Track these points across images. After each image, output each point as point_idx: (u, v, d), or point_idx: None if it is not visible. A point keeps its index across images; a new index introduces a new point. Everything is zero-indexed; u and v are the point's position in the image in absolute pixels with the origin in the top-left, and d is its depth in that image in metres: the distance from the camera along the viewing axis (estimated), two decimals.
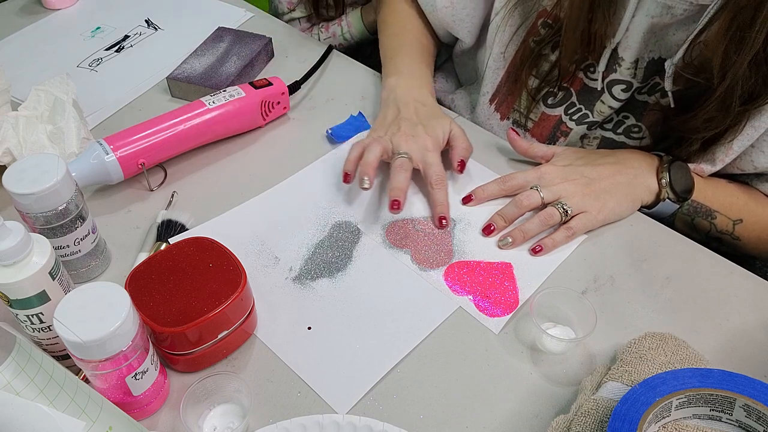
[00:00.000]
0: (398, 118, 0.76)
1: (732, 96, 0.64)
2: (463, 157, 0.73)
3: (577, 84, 0.77)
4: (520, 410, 0.56)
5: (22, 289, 0.51)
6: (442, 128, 0.74)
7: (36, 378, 0.42)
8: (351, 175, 0.71)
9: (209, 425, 0.55)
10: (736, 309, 0.64)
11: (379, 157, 0.71)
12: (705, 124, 0.68)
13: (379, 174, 0.74)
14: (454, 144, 0.74)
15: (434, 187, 0.70)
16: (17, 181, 0.57)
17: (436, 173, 0.71)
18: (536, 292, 0.65)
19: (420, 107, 0.77)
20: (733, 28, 0.60)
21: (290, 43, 0.97)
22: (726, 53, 0.62)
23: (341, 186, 0.74)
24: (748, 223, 0.73)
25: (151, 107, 0.86)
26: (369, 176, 0.69)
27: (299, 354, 0.60)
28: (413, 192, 0.74)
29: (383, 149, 0.72)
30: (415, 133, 0.73)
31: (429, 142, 0.73)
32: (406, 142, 0.72)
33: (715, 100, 0.66)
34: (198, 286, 0.57)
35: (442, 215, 0.70)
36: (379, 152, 0.71)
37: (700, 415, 0.49)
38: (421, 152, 0.72)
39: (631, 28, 0.68)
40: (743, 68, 0.62)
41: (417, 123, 0.75)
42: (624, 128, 0.78)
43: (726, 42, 0.61)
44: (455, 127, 0.75)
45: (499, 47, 0.81)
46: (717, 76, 0.64)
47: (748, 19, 0.59)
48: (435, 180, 0.71)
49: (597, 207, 0.69)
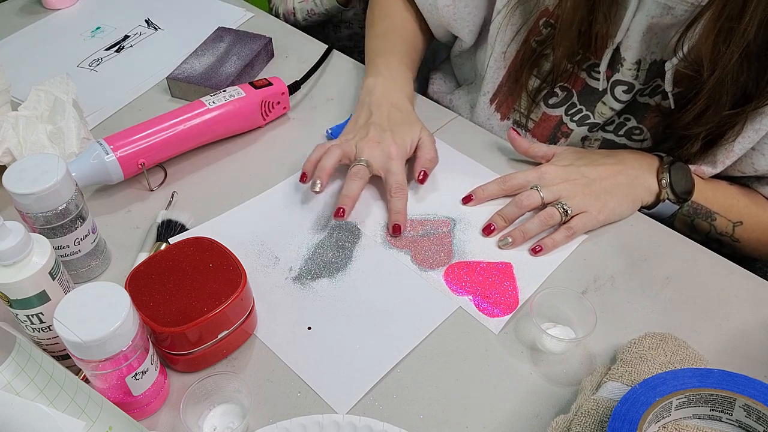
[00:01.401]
0: (368, 122, 0.75)
1: (722, 89, 0.64)
2: (426, 168, 0.73)
3: (579, 84, 0.77)
4: (520, 410, 0.56)
5: (22, 289, 0.51)
6: (411, 136, 0.74)
7: (36, 378, 0.42)
8: (308, 176, 0.71)
9: (209, 425, 0.55)
10: (736, 309, 0.64)
11: (336, 162, 0.71)
12: (697, 120, 0.68)
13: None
14: (419, 153, 0.74)
15: (392, 195, 0.70)
16: (17, 181, 0.57)
17: (396, 182, 0.70)
18: (536, 292, 0.65)
19: (394, 112, 0.76)
20: (722, 19, 0.60)
21: (290, 43, 0.97)
22: (715, 44, 0.62)
23: (342, 186, 0.74)
24: (748, 225, 0.73)
25: (151, 107, 0.86)
26: (321, 180, 0.69)
27: (299, 354, 0.60)
28: (412, 193, 0.74)
29: (342, 154, 0.72)
30: (382, 139, 0.73)
31: (393, 149, 0.72)
32: (370, 149, 0.72)
33: (706, 93, 0.66)
34: (198, 286, 0.57)
35: (396, 223, 0.69)
36: (336, 158, 0.71)
37: (700, 415, 0.49)
38: (384, 159, 0.72)
39: (631, 27, 0.68)
40: (733, 60, 0.62)
41: (386, 129, 0.74)
42: (625, 130, 0.78)
43: (715, 33, 0.61)
44: (425, 135, 0.75)
45: (500, 47, 0.80)
46: (707, 68, 0.64)
47: (738, 11, 0.59)
48: (394, 188, 0.70)
49: (597, 207, 0.69)
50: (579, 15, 0.69)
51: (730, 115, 0.67)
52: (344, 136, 0.75)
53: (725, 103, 0.65)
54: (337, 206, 0.68)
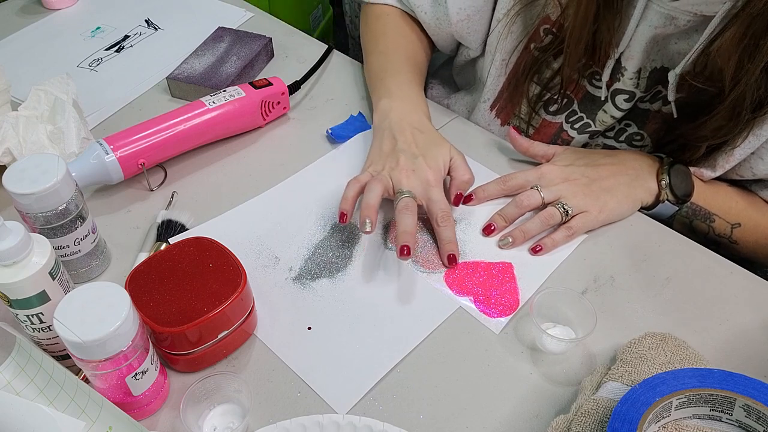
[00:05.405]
0: (395, 149, 0.72)
1: (742, 104, 0.64)
2: (462, 190, 0.71)
3: (580, 92, 0.77)
4: (520, 410, 0.56)
5: (22, 289, 0.51)
6: (443, 158, 0.71)
7: (36, 378, 0.42)
8: (348, 216, 0.67)
9: (209, 425, 0.55)
10: (736, 309, 0.64)
11: (380, 197, 0.67)
12: (714, 133, 0.68)
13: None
14: (454, 175, 0.71)
15: (440, 224, 0.67)
16: (17, 181, 0.57)
17: (441, 209, 0.67)
18: (536, 292, 0.65)
19: (417, 134, 0.73)
20: (748, 36, 0.59)
21: (290, 43, 0.97)
22: (739, 61, 0.61)
23: (341, 186, 0.74)
24: (747, 227, 0.73)
25: (151, 107, 0.86)
26: (371, 219, 0.64)
27: (299, 354, 0.60)
28: None
29: (384, 188, 0.68)
30: (416, 166, 0.70)
31: (431, 176, 0.69)
32: (408, 179, 0.69)
33: (725, 109, 0.65)
34: (198, 286, 0.57)
35: (451, 253, 0.66)
36: (380, 192, 0.67)
37: (700, 415, 0.49)
38: (424, 188, 0.69)
39: (634, 38, 0.68)
40: (755, 76, 0.61)
41: (417, 155, 0.71)
42: (626, 136, 0.78)
43: (740, 50, 0.60)
44: (455, 154, 0.72)
45: (501, 55, 0.80)
46: (728, 84, 0.63)
47: (763, 27, 0.58)
48: (441, 217, 0.67)
49: (597, 207, 0.69)
50: (587, 28, 0.67)
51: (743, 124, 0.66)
52: (373, 167, 0.71)
53: (745, 116, 0.65)
54: (400, 245, 0.63)
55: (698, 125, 0.69)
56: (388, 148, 0.73)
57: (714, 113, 0.66)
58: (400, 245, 0.63)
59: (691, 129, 0.70)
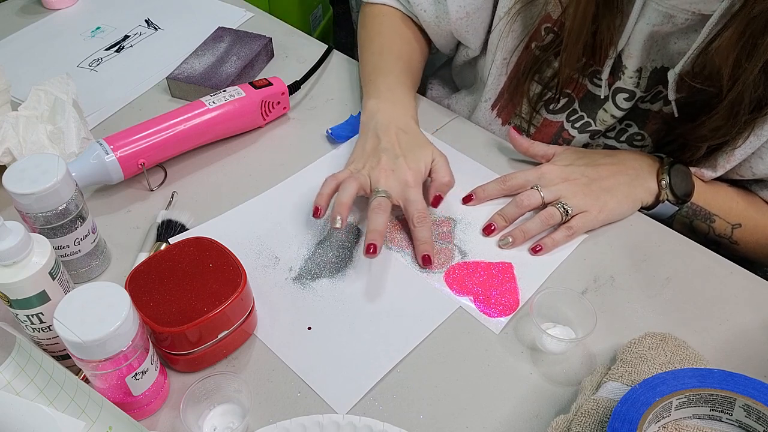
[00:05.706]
0: (378, 148, 0.72)
1: (741, 104, 0.64)
2: (441, 192, 0.71)
3: (581, 91, 0.77)
4: (520, 410, 0.56)
5: (22, 289, 0.51)
6: (424, 159, 0.71)
7: (36, 378, 0.42)
8: (321, 211, 0.68)
9: (209, 425, 0.55)
10: (736, 309, 0.64)
11: (354, 195, 0.67)
12: (713, 133, 0.68)
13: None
14: (434, 176, 0.71)
15: (416, 225, 0.67)
16: (17, 181, 0.57)
17: (417, 210, 0.67)
18: (536, 292, 0.65)
19: (402, 135, 0.73)
20: (746, 36, 0.59)
21: (290, 43, 0.97)
22: (737, 61, 0.61)
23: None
24: (747, 227, 0.73)
25: (151, 107, 0.86)
26: (342, 216, 0.65)
27: (299, 354, 0.60)
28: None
29: (359, 186, 0.68)
30: (396, 166, 0.70)
31: (410, 176, 0.69)
32: (386, 179, 0.69)
33: (724, 109, 0.65)
34: (198, 286, 0.57)
35: (426, 253, 0.66)
36: (354, 190, 0.67)
37: (700, 415, 0.49)
38: (401, 188, 0.69)
39: (632, 35, 0.68)
40: (753, 75, 0.61)
41: (398, 155, 0.71)
42: (627, 136, 0.78)
43: (738, 50, 0.60)
44: (438, 156, 0.72)
45: (502, 54, 0.79)
46: (726, 84, 0.63)
47: (761, 27, 0.58)
48: (416, 218, 0.67)
49: (597, 207, 0.69)
50: (586, 28, 0.68)
51: (741, 124, 0.66)
52: (354, 165, 0.72)
53: (743, 116, 0.65)
54: (367, 243, 0.64)
55: (697, 125, 0.69)
56: (371, 147, 0.73)
57: (713, 113, 0.67)
58: (367, 243, 0.64)
59: (691, 129, 0.70)
